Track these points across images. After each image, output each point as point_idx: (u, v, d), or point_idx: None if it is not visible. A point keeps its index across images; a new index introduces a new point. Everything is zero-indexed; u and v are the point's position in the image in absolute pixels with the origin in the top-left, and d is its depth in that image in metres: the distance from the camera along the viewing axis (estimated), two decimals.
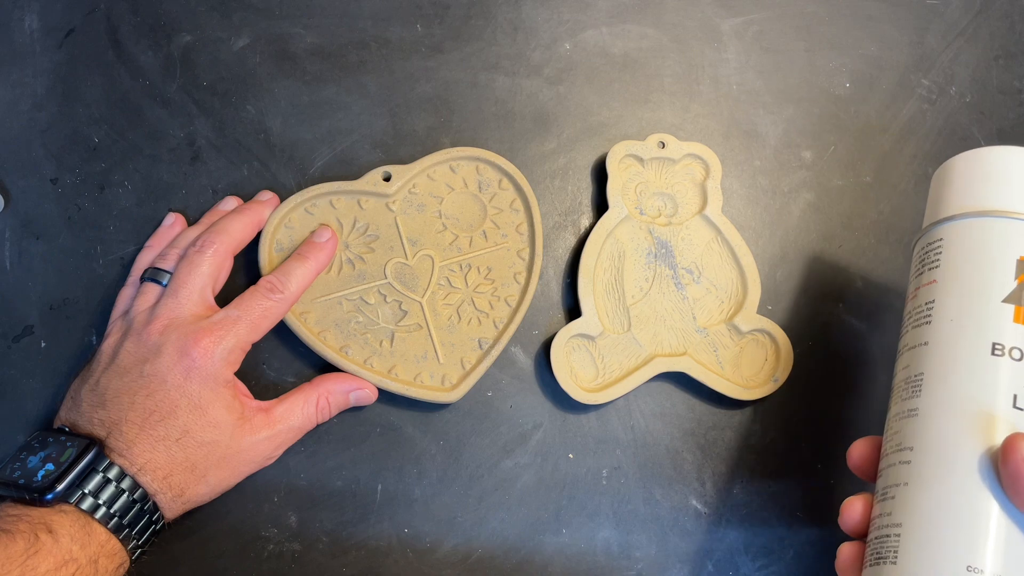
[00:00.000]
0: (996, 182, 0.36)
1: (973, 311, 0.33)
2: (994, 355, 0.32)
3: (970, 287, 0.34)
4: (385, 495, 0.41)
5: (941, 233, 0.36)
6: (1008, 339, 0.32)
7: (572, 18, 0.48)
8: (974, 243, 0.35)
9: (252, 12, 0.48)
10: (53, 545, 0.32)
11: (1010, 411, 0.31)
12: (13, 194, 0.45)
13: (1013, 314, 0.32)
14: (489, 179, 0.45)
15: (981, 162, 0.37)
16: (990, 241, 0.34)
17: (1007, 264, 0.33)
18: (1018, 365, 0.31)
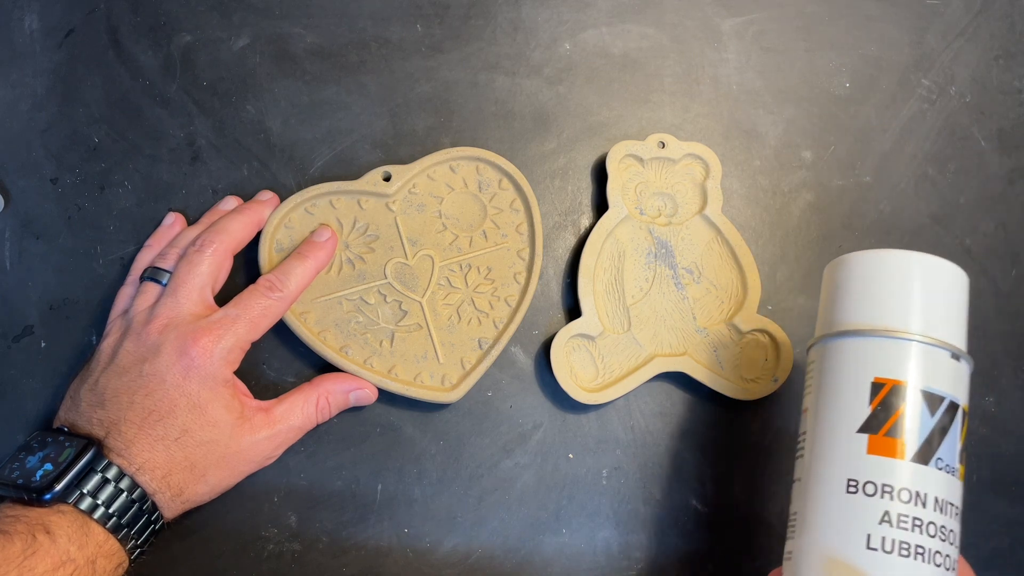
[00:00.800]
0: (850, 295, 0.33)
1: (832, 443, 0.31)
2: (848, 492, 0.30)
3: (830, 416, 0.32)
4: (385, 495, 0.41)
5: (813, 355, 0.34)
6: (862, 473, 0.30)
7: (572, 18, 0.48)
8: (833, 366, 0.33)
9: (252, 12, 0.48)
10: (51, 546, 0.32)
11: (863, 553, 0.29)
12: (13, 194, 0.45)
13: (867, 445, 0.30)
14: (489, 179, 0.44)
15: (840, 271, 0.34)
16: (846, 363, 0.32)
17: (862, 388, 0.31)
18: (871, 501, 0.29)
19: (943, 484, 0.30)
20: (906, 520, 0.29)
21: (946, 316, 0.32)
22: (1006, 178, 0.48)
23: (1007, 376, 0.44)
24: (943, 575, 0.29)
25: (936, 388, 0.31)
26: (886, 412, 0.30)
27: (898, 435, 0.30)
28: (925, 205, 0.47)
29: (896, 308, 0.32)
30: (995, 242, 0.46)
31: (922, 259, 0.32)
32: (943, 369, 0.31)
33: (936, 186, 0.47)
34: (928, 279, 0.32)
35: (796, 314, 0.45)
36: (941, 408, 0.30)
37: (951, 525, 0.30)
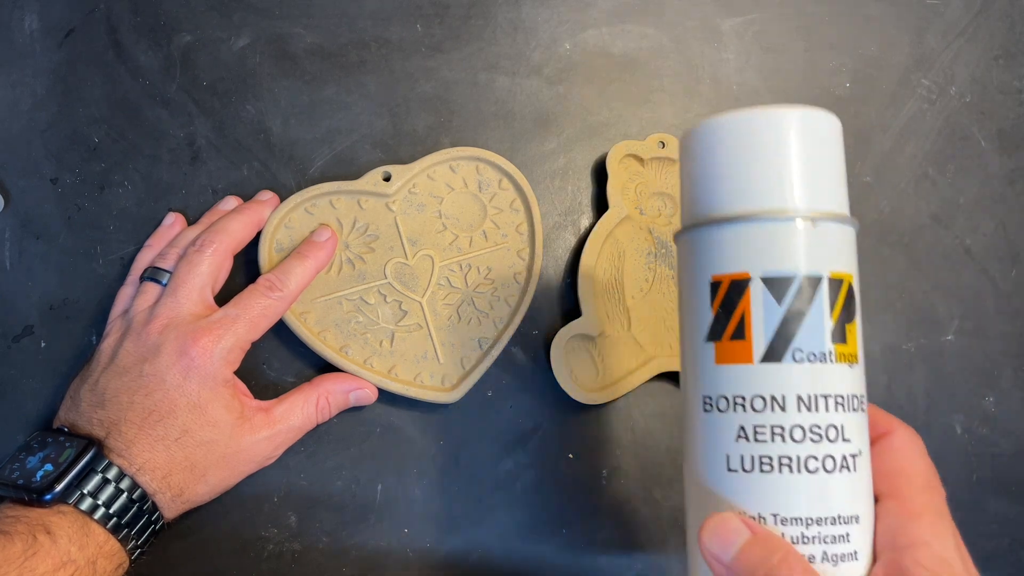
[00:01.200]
0: (682, 183, 0.29)
1: (686, 359, 0.28)
2: (705, 412, 0.26)
3: (683, 328, 0.28)
4: (385, 495, 0.41)
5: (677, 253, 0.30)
6: (713, 388, 0.26)
7: (572, 18, 0.48)
8: (679, 271, 0.28)
9: (252, 12, 0.48)
10: (51, 547, 0.32)
11: (725, 477, 0.26)
12: (13, 194, 0.45)
13: (714, 355, 0.26)
14: (489, 179, 0.44)
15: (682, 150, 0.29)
16: (686, 266, 0.28)
17: (702, 291, 0.27)
18: (724, 418, 0.26)
19: (807, 377, 0.25)
20: (763, 431, 0.25)
21: (780, 178, 0.26)
22: (1006, 178, 0.48)
23: (1007, 376, 0.44)
24: (822, 479, 0.25)
25: (779, 270, 0.26)
26: (727, 313, 0.26)
27: (743, 336, 0.26)
28: (925, 205, 0.47)
29: (715, 188, 0.27)
30: (995, 242, 0.46)
31: (739, 118, 0.27)
32: (784, 245, 0.26)
33: (936, 186, 0.47)
34: (751, 139, 0.27)
35: None
36: (791, 290, 0.26)
37: (832, 419, 0.25)
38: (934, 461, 0.41)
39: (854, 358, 0.27)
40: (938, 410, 0.44)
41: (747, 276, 0.26)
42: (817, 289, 0.26)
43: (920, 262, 0.46)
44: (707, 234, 0.27)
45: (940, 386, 0.44)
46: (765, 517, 0.25)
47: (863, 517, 0.26)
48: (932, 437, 0.43)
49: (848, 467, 0.26)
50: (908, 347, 0.44)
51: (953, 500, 0.42)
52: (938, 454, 0.43)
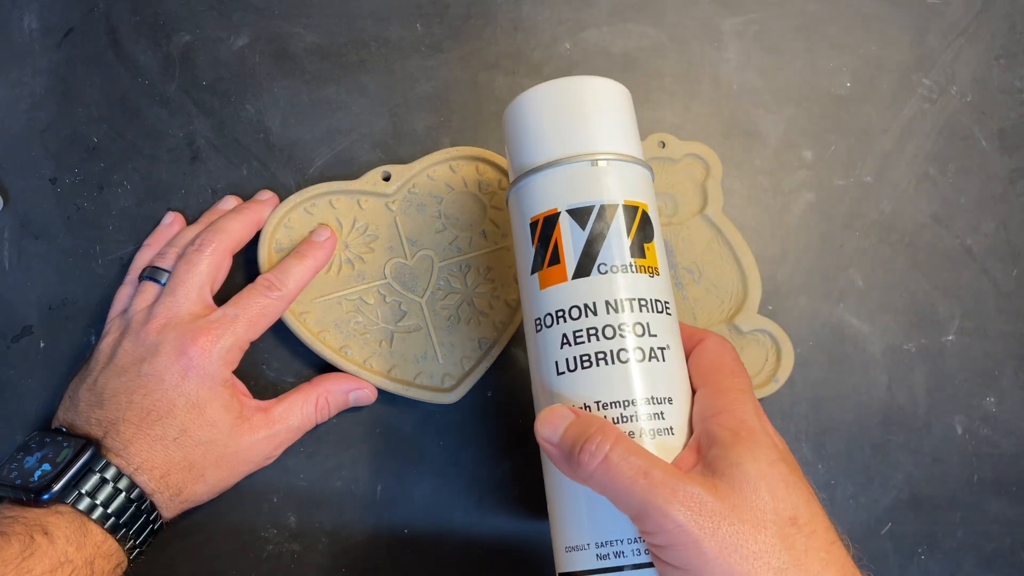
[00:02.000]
0: (505, 147, 0.35)
1: (522, 295, 0.33)
2: (537, 332, 0.32)
3: (518, 270, 0.34)
4: (385, 495, 0.41)
5: None
6: (540, 309, 0.31)
7: (572, 17, 0.48)
8: (512, 220, 0.34)
9: (251, 12, 0.47)
10: (49, 547, 0.32)
11: (556, 381, 0.31)
12: (12, 194, 0.45)
13: (539, 282, 0.32)
14: (489, 179, 0.44)
15: (503, 124, 0.35)
16: (513, 215, 0.34)
17: (525, 232, 0.32)
18: (551, 332, 0.31)
19: (611, 285, 0.30)
20: (581, 334, 0.30)
21: (575, 131, 0.33)
22: (1007, 178, 0.47)
23: (1007, 376, 0.44)
24: (634, 368, 0.30)
25: (579, 201, 0.31)
26: (544, 245, 0.32)
27: (558, 261, 0.31)
28: (926, 205, 0.47)
29: (528, 146, 0.33)
30: (996, 242, 0.46)
31: (543, 89, 0.33)
32: (581, 180, 0.32)
33: (937, 186, 0.47)
34: (552, 105, 0.33)
35: (797, 314, 0.45)
36: (591, 217, 0.31)
37: (638, 318, 0.30)
38: (935, 462, 0.43)
39: (655, 271, 0.32)
40: (939, 410, 0.44)
41: (556, 211, 0.32)
42: (614, 215, 0.31)
43: (920, 262, 0.46)
44: (524, 184, 0.33)
45: (940, 386, 0.44)
46: (589, 405, 0.30)
47: (676, 399, 0.30)
48: (932, 437, 0.43)
49: (657, 357, 0.30)
50: (908, 347, 0.44)
51: (953, 500, 0.42)
52: (938, 454, 0.43)
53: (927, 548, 0.42)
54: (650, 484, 0.26)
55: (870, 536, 0.42)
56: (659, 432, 0.29)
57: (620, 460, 0.27)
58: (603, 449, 0.27)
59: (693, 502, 0.26)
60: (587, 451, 0.27)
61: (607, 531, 0.28)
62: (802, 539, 0.26)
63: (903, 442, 0.43)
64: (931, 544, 0.42)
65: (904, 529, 0.42)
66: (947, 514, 0.42)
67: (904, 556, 0.42)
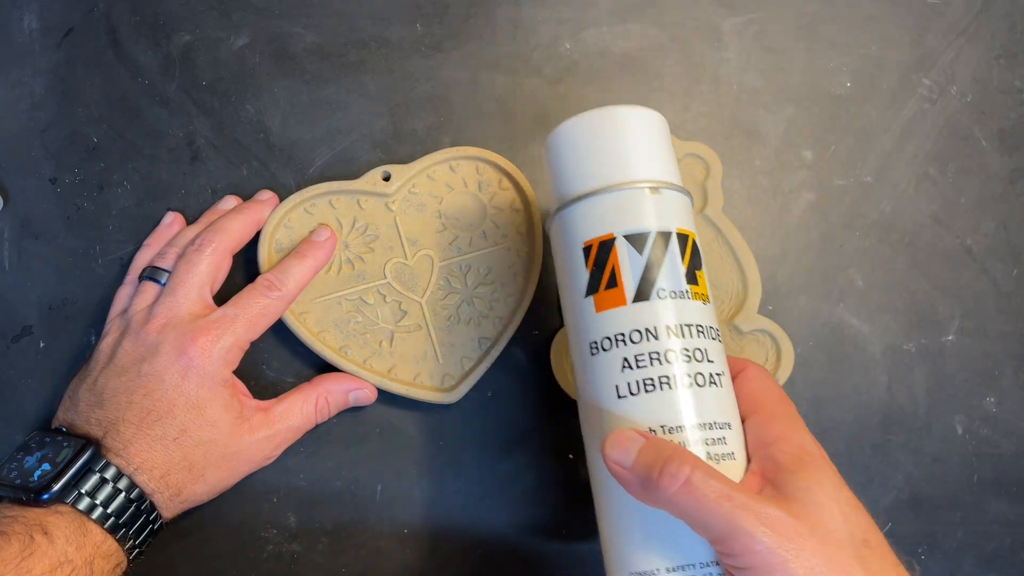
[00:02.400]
0: (551, 173, 0.35)
1: (571, 316, 0.33)
2: (592, 355, 0.31)
3: (566, 292, 0.34)
4: (385, 495, 0.41)
5: (549, 234, 0.36)
6: (597, 333, 0.31)
7: (572, 17, 0.48)
8: (555, 245, 0.35)
9: (252, 11, 0.47)
10: (48, 547, 0.32)
11: (616, 404, 0.30)
12: (12, 194, 0.45)
13: (594, 306, 0.32)
14: (489, 179, 0.44)
15: (546, 151, 0.36)
16: (560, 239, 0.34)
17: (577, 256, 0.33)
18: (610, 356, 0.31)
19: (673, 309, 0.31)
20: (643, 358, 0.30)
21: (634, 158, 0.33)
22: (1007, 178, 0.47)
23: (1008, 376, 0.44)
24: (697, 392, 0.30)
25: (636, 227, 0.32)
26: (600, 269, 0.32)
27: (615, 285, 0.31)
28: (926, 205, 0.47)
29: (580, 172, 0.34)
30: (996, 242, 0.46)
31: (597, 116, 0.34)
32: (638, 207, 0.32)
33: (937, 186, 0.47)
34: (605, 133, 0.34)
35: (797, 314, 0.45)
36: (648, 243, 0.31)
37: (697, 344, 0.31)
38: (935, 462, 0.43)
39: (706, 298, 0.32)
40: (939, 410, 0.44)
41: (612, 236, 0.32)
42: (669, 241, 0.32)
43: (920, 262, 0.46)
44: (575, 209, 0.33)
45: (941, 386, 0.44)
46: (655, 429, 0.30)
47: (733, 425, 0.31)
48: (932, 437, 0.43)
49: (716, 383, 0.31)
50: (908, 347, 0.44)
51: (953, 500, 0.42)
52: (938, 454, 0.43)
53: (927, 548, 0.42)
54: (735, 507, 0.27)
55: None
56: (722, 457, 0.30)
57: (702, 483, 0.27)
58: (684, 472, 0.27)
59: (778, 524, 0.26)
60: (667, 474, 0.27)
61: (680, 555, 0.29)
62: (876, 560, 0.28)
63: (903, 442, 0.43)
64: (931, 544, 0.42)
65: (904, 529, 0.42)
66: (947, 514, 0.42)
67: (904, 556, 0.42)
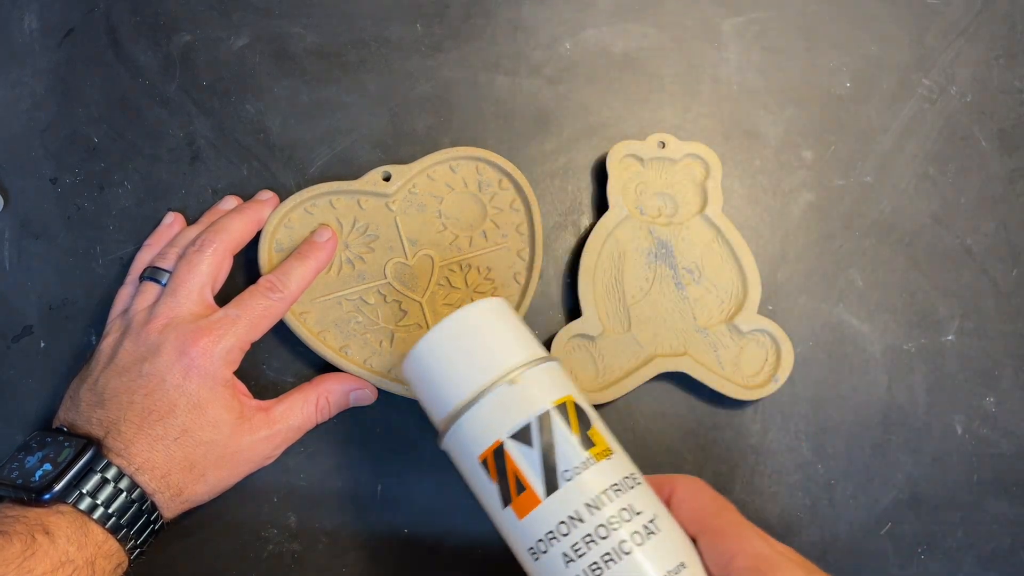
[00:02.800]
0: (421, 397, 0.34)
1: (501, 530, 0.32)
2: (536, 561, 0.30)
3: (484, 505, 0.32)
4: (385, 495, 0.41)
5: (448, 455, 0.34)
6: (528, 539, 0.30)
7: (572, 17, 0.48)
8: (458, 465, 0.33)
9: (252, 12, 0.48)
10: (50, 547, 0.32)
11: None
12: (12, 194, 0.45)
13: (515, 514, 0.31)
14: (489, 179, 0.44)
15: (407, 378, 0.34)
16: (456, 459, 0.33)
17: (478, 472, 0.31)
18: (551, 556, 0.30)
19: (582, 487, 0.30)
20: (579, 546, 0.29)
21: (477, 360, 0.32)
22: (1007, 178, 0.47)
23: (1007, 376, 0.44)
24: (646, 548, 0.29)
25: (514, 423, 0.31)
26: (503, 478, 0.31)
27: (524, 488, 0.30)
28: (926, 205, 0.47)
29: (438, 394, 0.33)
30: (996, 242, 0.46)
31: (429, 336, 0.33)
32: (504, 403, 0.31)
33: (937, 186, 0.47)
34: (443, 346, 0.33)
35: (797, 314, 0.45)
36: (533, 433, 0.30)
37: (620, 504, 0.30)
38: (935, 462, 0.43)
39: (608, 452, 0.31)
40: (938, 410, 0.44)
41: (500, 443, 0.31)
42: (549, 422, 0.31)
43: (920, 262, 0.46)
44: (455, 430, 0.32)
45: (940, 386, 0.44)
46: None
47: (688, 561, 0.30)
48: (932, 437, 0.43)
49: (653, 531, 0.30)
50: (908, 347, 0.44)
51: (953, 500, 0.42)
52: (938, 454, 0.43)
53: (927, 548, 0.42)
54: None
55: (870, 536, 0.42)
56: None
57: None
58: None
59: None
60: None
61: None
62: None
63: (903, 442, 0.43)
64: (931, 544, 0.42)
65: (904, 529, 0.42)
66: (947, 514, 0.42)
67: (904, 556, 0.42)
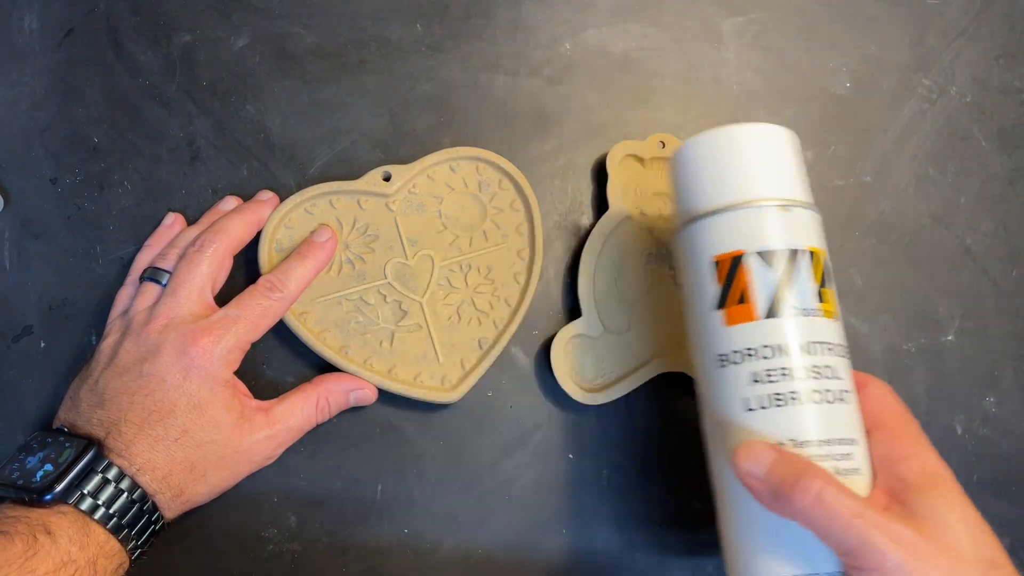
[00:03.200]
0: (679, 186, 0.36)
1: (697, 328, 0.34)
2: (720, 367, 0.32)
3: (692, 304, 0.34)
4: (385, 495, 0.41)
5: (674, 250, 0.37)
6: (725, 346, 0.32)
7: (572, 17, 0.48)
8: (682, 258, 0.35)
9: (252, 12, 0.48)
10: (52, 547, 0.32)
11: (744, 416, 0.31)
12: (13, 194, 0.45)
13: (723, 319, 0.32)
14: (489, 179, 0.44)
15: (672, 164, 0.36)
16: (688, 253, 0.34)
17: (706, 270, 0.33)
18: (739, 369, 0.32)
19: (803, 327, 0.31)
20: (773, 373, 0.31)
21: (767, 176, 0.34)
22: (1007, 178, 0.47)
23: (1007, 376, 0.44)
24: (824, 408, 0.31)
25: (767, 245, 0.32)
26: (729, 284, 0.32)
27: (745, 300, 0.32)
28: (926, 205, 0.47)
29: (711, 187, 0.34)
30: (996, 242, 0.46)
31: (735, 130, 0.34)
32: (769, 225, 0.32)
33: (937, 186, 0.47)
34: (744, 148, 0.34)
35: None
36: (780, 261, 0.32)
37: (826, 360, 0.31)
38: None
39: (834, 315, 0.33)
40: (938, 410, 0.44)
41: (742, 252, 0.32)
42: (798, 259, 0.32)
43: (920, 262, 0.46)
44: (705, 224, 0.33)
45: (940, 386, 0.44)
46: (784, 443, 0.30)
47: (858, 441, 0.31)
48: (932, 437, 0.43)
49: (842, 400, 0.31)
50: (908, 347, 0.44)
51: None
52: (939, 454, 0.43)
53: None
54: (866, 524, 0.28)
55: None
56: (848, 472, 0.30)
57: (834, 500, 0.28)
58: (815, 487, 0.28)
59: (908, 543, 0.27)
60: (800, 488, 0.28)
61: (807, 563, 0.30)
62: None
63: None
64: None
65: None
66: None
67: None
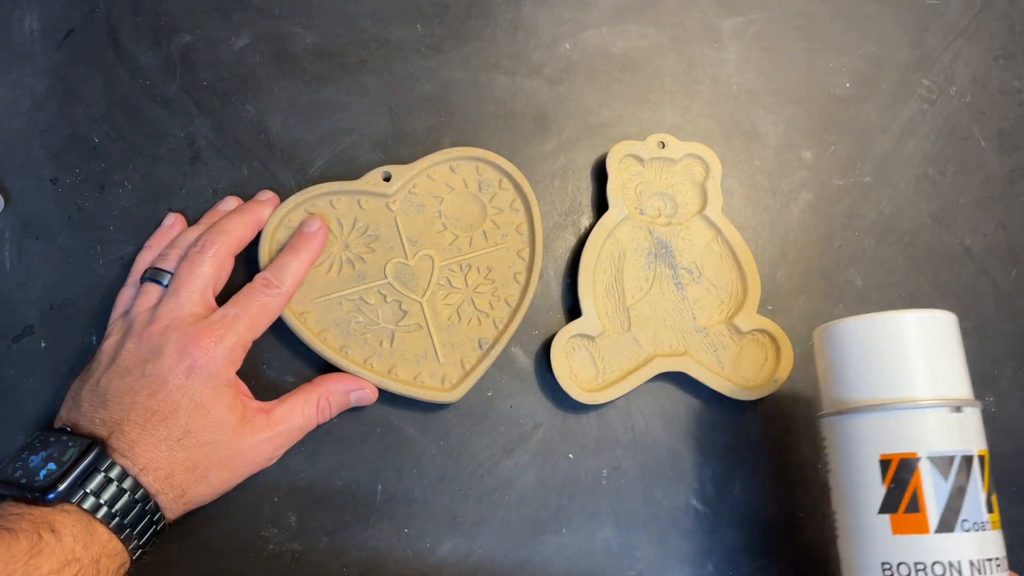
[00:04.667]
0: (843, 367, 0.33)
1: (858, 528, 0.32)
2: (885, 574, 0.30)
3: (850, 499, 0.32)
4: (385, 495, 0.41)
5: (823, 430, 0.34)
6: (892, 555, 0.30)
7: (572, 18, 0.48)
8: (841, 447, 0.33)
9: (252, 12, 0.48)
10: (56, 545, 0.32)
11: None
12: (13, 194, 0.45)
13: (890, 526, 0.30)
14: (489, 179, 0.44)
15: (830, 340, 0.34)
16: (851, 443, 0.32)
17: (872, 467, 0.31)
18: None
19: (974, 544, 0.30)
20: None
21: (939, 370, 0.32)
22: (1006, 178, 0.48)
23: (1007, 376, 0.44)
24: None
25: (943, 450, 0.30)
26: (900, 488, 0.30)
27: (918, 509, 0.30)
28: (925, 205, 0.47)
29: (886, 377, 0.32)
30: (995, 242, 0.46)
31: (906, 318, 0.32)
32: (945, 427, 0.31)
33: (936, 186, 0.47)
34: (915, 337, 0.32)
35: (796, 314, 0.45)
36: (953, 468, 0.30)
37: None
38: None
39: (999, 524, 0.31)
40: None
41: (915, 455, 0.30)
42: (972, 466, 0.31)
43: (920, 262, 0.46)
44: (871, 418, 0.32)
45: None
46: None
47: None
48: None
49: None
50: None
51: None
52: None
53: None
54: None
55: None
56: None
57: None
58: None
59: None
60: None
61: None
62: None
63: None
64: None
65: None
66: None
67: None
